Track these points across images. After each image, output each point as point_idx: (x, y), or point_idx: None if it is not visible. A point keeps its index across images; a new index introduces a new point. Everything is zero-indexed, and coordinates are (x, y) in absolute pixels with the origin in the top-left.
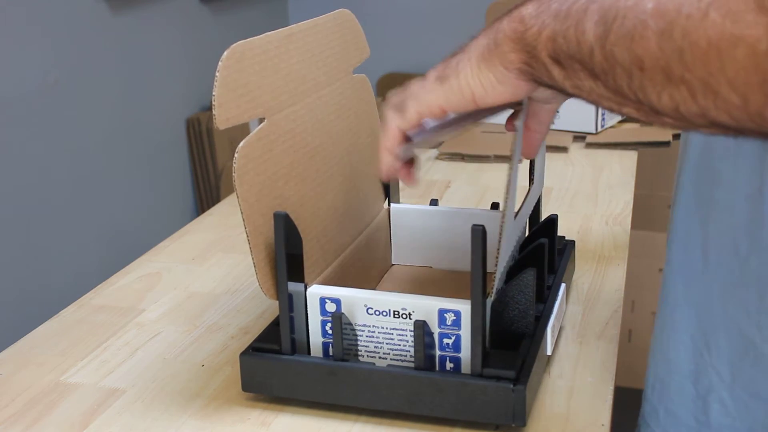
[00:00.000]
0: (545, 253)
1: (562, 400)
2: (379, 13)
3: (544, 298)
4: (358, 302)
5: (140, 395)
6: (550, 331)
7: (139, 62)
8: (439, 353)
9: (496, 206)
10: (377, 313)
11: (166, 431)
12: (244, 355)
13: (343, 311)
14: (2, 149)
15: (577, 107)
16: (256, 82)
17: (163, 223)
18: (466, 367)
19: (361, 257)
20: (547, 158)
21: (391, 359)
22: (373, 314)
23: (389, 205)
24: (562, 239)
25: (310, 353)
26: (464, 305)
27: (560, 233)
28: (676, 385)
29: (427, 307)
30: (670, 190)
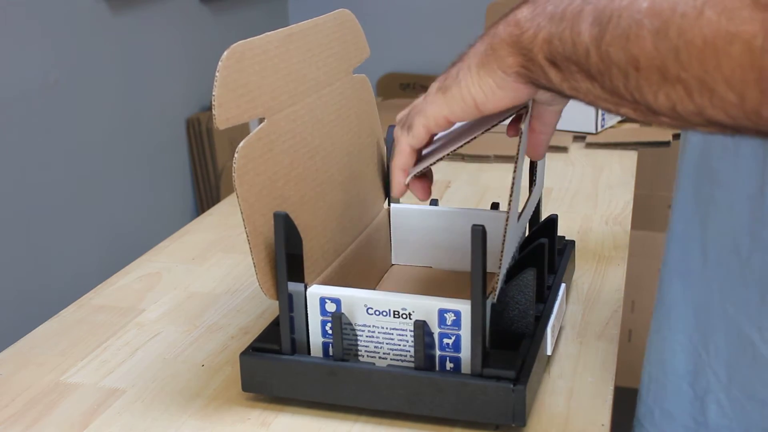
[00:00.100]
0: (545, 253)
1: (562, 400)
2: (379, 13)
3: (544, 298)
4: (358, 302)
5: (140, 395)
6: (550, 331)
7: (139, 62)
8: (439, 353)
9: (496, 206)
10: (377, 313)
11: (166, 431)
12: (244, 355)
13: (343, 311)
14: (2, 149)
15: (577, 107)
16: (256, 82)
17: (163, 223)
18: (466, 367)
19: (361, 257)
20: (547, 158)
21: (391, 359)
22: (373, 314)
23: (389, 205)
24: (562, 239)
25: (310, 353)
26: (464, 305)
27: (560, 233)
28: (672, 385)
29: (427, 307)
30: (670, 190)
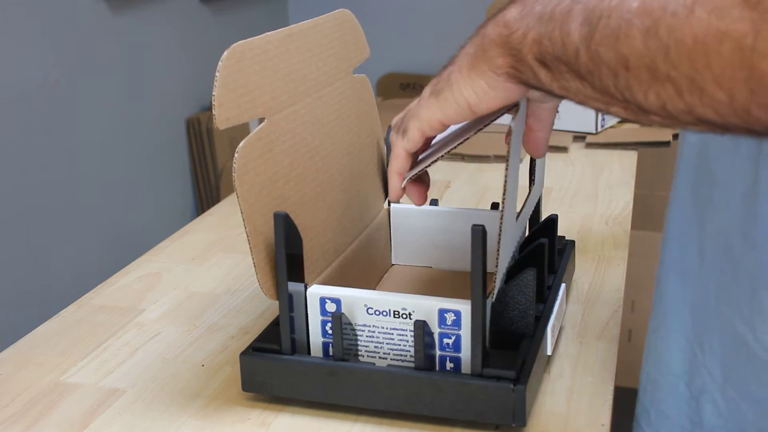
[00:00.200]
0: (545, 253)
1: (562, 400)
2: (379, 13)
3: (544, 298)
4: (358, 302)
5: (140, 395)
6: (550, 331)
7: (139, 62)
8: (439, 353)
9: (496, 206)
10: (377, 313)
11: (166, 431)
12: (244, 355)
13: (343, 311)
14: (2, 149)
15: (577, 107)
16: (256, 82)
17: (163, 223)
18: (466, 367)
19: (361, 257)
20: (547, 158)
21: (391, 359)
22: (373, 314)
23: (389, 205)
24: (562, 239)
25: (310, 353)
26: (464, 305)
27: (560, 233)
28: (668, 385)
29: (427, 307)
30: (670, 190)
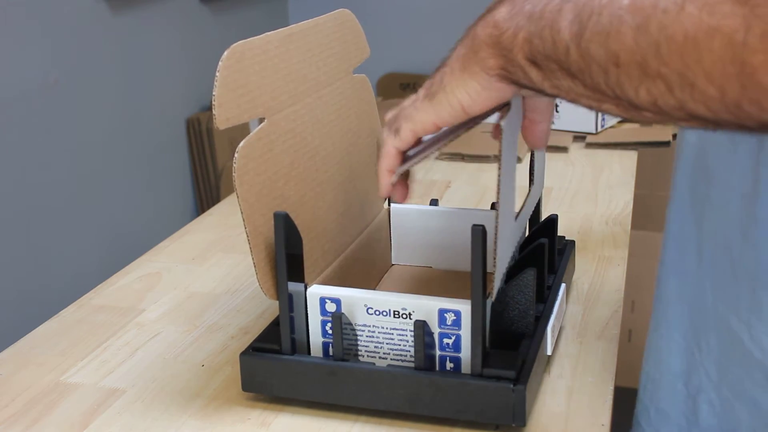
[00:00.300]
0: (545, 253)
1: (562, 400)
2: (379, 13)
3: (544, 298)
4: (358, 302)
5: (140, 395)
6: (550, 331)
7: (139, 62)
8: (439, 353)
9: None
10: (377, 313)
11: (166, 431)
12: (244, 355)
13: (343, 311)
14: (2, 149)
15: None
16: (256, 82)
17: (163, 223)
18: (466, 367)
19: (361, 257)
20: (547, 158)
21: (391, 359)
22: (373, 314)
23: (389, 205)
24: (562, 239)
25: (310, 353)
26: (464, 305)
27: (560, 233)
28: (667, 384)
29: (427, 307)
30: (669, 189)
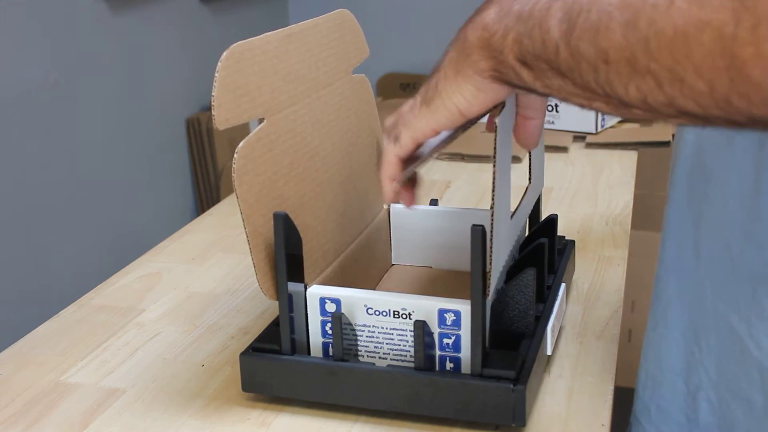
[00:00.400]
0: (545, 253)
1: (562, 400)
2: (379, 13)
3: (544, 298)
4: (358, 302)
5: (140, 395)
6: (550, 331)
7: (139, 62)
8: (439, 353)
9: None
10: (377, 313)
11: (166, 431)
12: (244, 355)
13: (343, 311)
14: (2, 149)
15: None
16: (255, 82)
17: (163, 223)
18: (466, 367)
19: (361, 257)
20: (547, 158)
21: (391, 359)
22: (373, 314)
23: (389, 205)
24: (562, 239)
25: (310, 353)
26: (464, 305)
27: (560, 233)
28: (668, 382)
29: (427, 307)
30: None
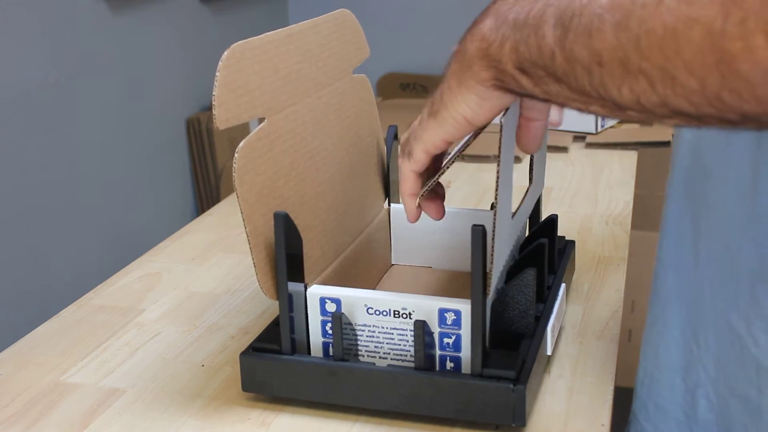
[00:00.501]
0: (545, 253)
1: (562, 400)
2: (379, 13)
3: (544, 298)
4: (358, 302)
5: (140, 395)
6: (550, 331)
7: (139, 62)
8: (439, 353)
9: None
10: (377, 313)
11: (166, 431)
12: (244, 355)
13: (343, 311)
14: (2, 149)
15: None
16: (256, 82)
17: (163, 223)
18: (466, 367)
19: (361, 257)
20: (547, 158)
21: (391, 359)
22: (373, 314)
23: (389, 205)
24: (562, 239)
25: (310, 353)
26: (464, 305)
27: (560, 233)
28: (666, 380)
29: (427, 306)
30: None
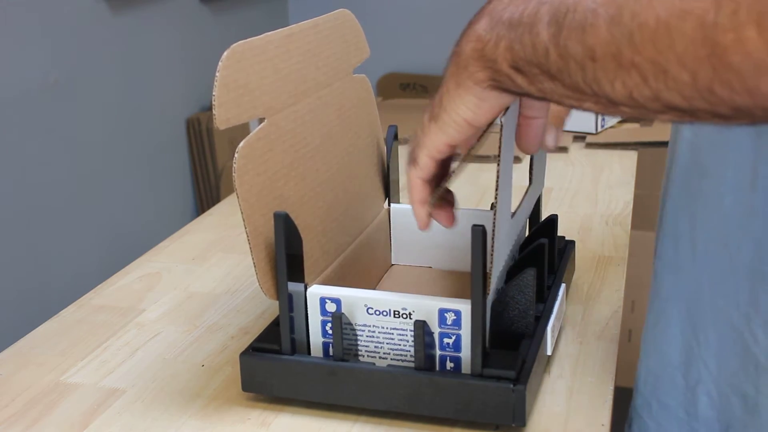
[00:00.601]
0: (545, 253)
1: (562, 400)
2: (379, 13)
3: (544, 298)
4: (358, 302)
5: (140, 395)
6: (550, 331)
7: (139, 62)
8: (439, 353)
9: None
10: (377, 313)
11: (166, 431)
12: (244, 355)
13: (343, 311)
14: (2, 149)
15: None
16: (256, 82)
17: (163, 223)
18: (466, 367)
19: (361, 257)
20: (547, 158)
21: (391, 359)
22: (373, 314)
23: (389, 205)
24: (562, 239)
25: (310, 353)
26: (464, 305)
27: (560, 233)
28: (668, 377)
29: (427, 306)
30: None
